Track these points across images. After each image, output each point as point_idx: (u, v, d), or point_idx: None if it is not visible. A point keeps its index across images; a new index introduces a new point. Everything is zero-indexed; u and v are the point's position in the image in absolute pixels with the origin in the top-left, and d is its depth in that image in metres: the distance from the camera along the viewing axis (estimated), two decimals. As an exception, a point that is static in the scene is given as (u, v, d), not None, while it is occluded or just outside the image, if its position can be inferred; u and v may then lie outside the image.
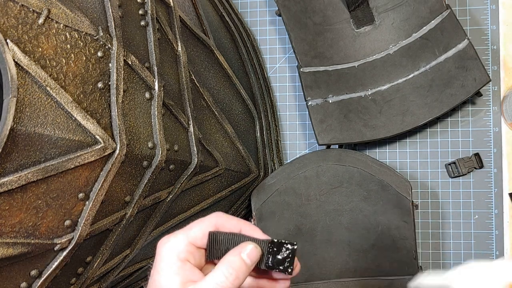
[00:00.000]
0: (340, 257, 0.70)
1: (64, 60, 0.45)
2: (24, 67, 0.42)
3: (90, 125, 0.46)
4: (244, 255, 0.42)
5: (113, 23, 0.50)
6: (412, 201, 0.69)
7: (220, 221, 0.43)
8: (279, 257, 0.41)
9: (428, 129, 0.75)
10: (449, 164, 0.74)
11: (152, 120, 0.53)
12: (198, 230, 0.43)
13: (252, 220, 0.67)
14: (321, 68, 0.72)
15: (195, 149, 0.59)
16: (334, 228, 0.70)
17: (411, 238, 0.68)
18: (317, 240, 0.70)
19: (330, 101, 0.71)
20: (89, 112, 0.46)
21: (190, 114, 0.59)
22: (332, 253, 0.70)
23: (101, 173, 0.48)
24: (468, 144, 0.74)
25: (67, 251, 0.48)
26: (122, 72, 0.50)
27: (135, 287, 0.71)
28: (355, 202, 0.69)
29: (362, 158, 0.71)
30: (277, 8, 0.74)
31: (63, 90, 0.44)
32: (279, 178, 0.70)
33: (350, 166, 0.69)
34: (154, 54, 0.55)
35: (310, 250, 0.70)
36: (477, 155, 0.73)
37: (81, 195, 0.47)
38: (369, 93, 0.71)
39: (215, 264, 0.43)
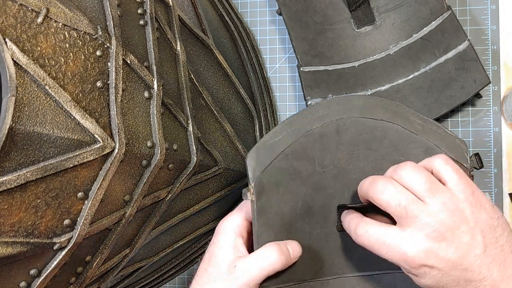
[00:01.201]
0: (359, 246, 0.51)
1: (63, 59, 0.45)
2: (23, 66, 0.42)
3: (89, 124, 0.46)
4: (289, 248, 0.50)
5: (112, 22, 0.50)
6: (470, 169, 0.56)
7: None
8: None
9: (428, 129, 0.75)
10: (449, 164, 0.74)
11: (151, 119, 0.53)
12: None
13: (248, 194, 0.50)
14: (321, 68, 0.72)
15: (194, 148, 0.59)
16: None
17: None
18: (331, 222, 0.54)
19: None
20: (88, 111, 0.46)
21: (189, 113, 0.59)
22: (350, 240, 0.51)
23: (100, 172, 0.48)
24: (468, 144, 0.74)
25: (66, 250, 0.48)
26: (121, 71, 0.50)
27: (134, 287, 0.71)
28: (385, 169, 0.51)
29: (401, 110, 0.54)
30: (277, 7, 0.74)
31: (62, 89, 0.44)
32: (285, 135, 0.52)
33: (383, 121, 0.53)
34: (153, 53, 0.55)
35: (322, 236, 0.54)
36: (477, 155, 0.73)
37: (80, 194, 0.47)
38: (369, 93, 0.71)
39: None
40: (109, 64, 0.49)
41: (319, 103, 0.53)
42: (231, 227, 0.50)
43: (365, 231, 0.46)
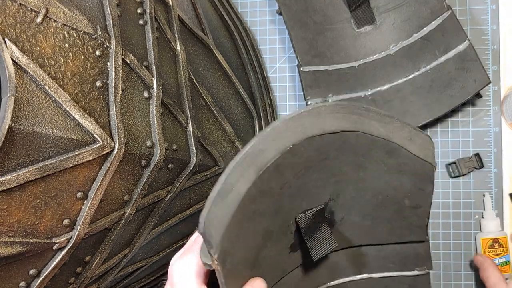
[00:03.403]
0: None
1: (62, 59, 0.45)
2: (22, 66, 0.42)
3: (89, 124, 0.46)
4: None
5: (111, 22, 0.50)
6: (434, 164, 0.50)
7: None
8: None
9: (428, 129, 0.75)
10: (449, 164, 0.74)
11: (151, 119, 0.53)
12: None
13: (211, 264, 0.40)
14: (321, 68, 0.72)
15: (194, 148, 0.59)
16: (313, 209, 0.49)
17: (426, 206, 0.51)
18: (290, 233, 0.49)
19: (330, 101, 0.71)
20: (87, 111, 0.46)
21: (188, 113, 0.59)
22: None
23: (100, 172, 0.48)
24: (468, 144, 0.74)
25: (65, 250, 0.48)
26: (121, 71, 0.50)
27: (134, 287, 0.71)
28: (344, 172, 0.47)
29: (363, 114, 0.47)
30: (277, 7, 0.74)
31: (61, 89, 0.44)
32: (237, 185, 0.42)
33: (342, 132, 0.46)
34: (152, 53, 0.55)
35: (284, 248, 0.50)
36: (477, 155, 0.73)
37: (79, 194, 0.47)
38: (369, 93, 0.71)
39: None
40: (108, 63, 0.49)
41: (263, 135, 0.43)
42: (191, 273, 0.42)
43: None
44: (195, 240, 0.44)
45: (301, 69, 0.72)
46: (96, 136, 0.46)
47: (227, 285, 0.41)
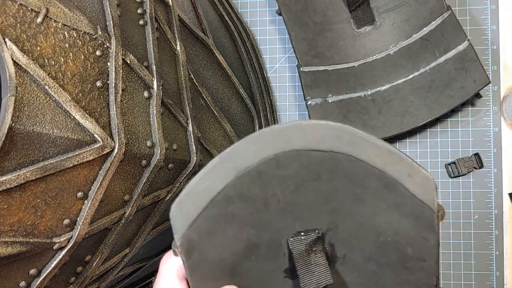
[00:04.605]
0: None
1: (62, 59, 0.45)
2: (23, 66, 0.42)
3: (89, 124, 0.46)
4: None
5: (111, 22, 0.50)
6: (438, 211, 0.44)
7: None
8: None
9: (428, 129, 0.75)
10: (449, 164, 0.74)
11: (151, 119, 0.53)
12: None
13: (176, 250, 0.42)
14: (321, 68, 0.72)
15: (194, 148, 0.59)
16: None
17: (432, 260, 0.45)
18: (282, 255, 0.47)
19: (330, 101, 0.71)
20: (87, 111, 0.46)
21: (189, 113, 0.59)
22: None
23: (100, 172, 0.48)
24: (468, 144, 0.74)
25: (66, 250, 0.48)
26: (121, 71, 0.50)
27: (134, 287, 0.71)
28: (341, 201, 0.45)
29: (357, 140, 0.44)
30: (277, 7, 0.74)
31: (61, 89, 0.44)
32: (212, 181, 0.43)
33: (332, 152, 0.44)
34: (152, 53, 0.55)
35: (275, 270, 0.47)
36: (477, 155, 0.73)
37: (80, 194, 0.47)
38: (369, 93, 0.71)
39: None
40: (108, 64, 0.49)
41: (250, 137, 0.43)
42: (172, 270, 0.45)
43: None
44: None
45: (301, 69, 0.72)
46: (96, 136, 0.46)
47: (191, 278, 0.43)
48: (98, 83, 0.48)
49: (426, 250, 0.45)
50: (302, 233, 0.46)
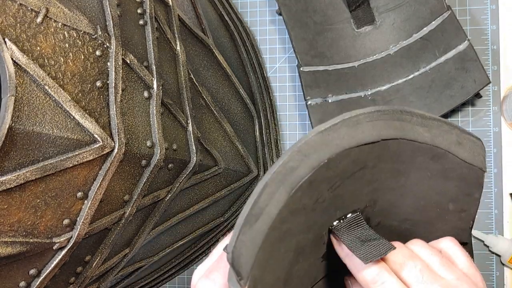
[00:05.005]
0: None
1: (62, 59, 0.45)
2: (23, 66, 0.42)
3: (89, 124, 0.46)
4: None
5: (111, 22, 0.50)
6: (484, 169, 0.45)
7: None
8: None
9: (428, 129, 0.75)
10: (449, 164, 0.74)
11: (151, 119, 0.53)
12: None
13: None
14: (321, 68, 0.72)
15: (194, 148, 0.59)
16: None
17: (472, 209, 0.47)
18: (323, 244, 0.46)
19: (330, 101, 0.71)
20: (87, 111, 0.46)
21: (189, 113, 0.59)
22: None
23: (100, 172, 0.48)
24: (468, 144, 0.74)
25: (66, 250, 0.48)
26: (121, 71, 0.50)
27: (134, 287, 0.71)
28: (382, 180, 0.44)
29: (404, 119, 0.43)
30: (277, 7, 0.74)
31: (61, 89, 0.44)
32: (269, 207, 0.39)
33: (381, 141, 0.42)
34: (152, 53, 0.55)
35: (318, 259, 0.47)
36: (477, 155, 0.73)
37: (79, 194, 0.47)
38: (369, 93, 0.71)
39: None
40: (108, 64, 0.49)
41: (290, 153, 0.40)
42: None
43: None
44: (221, 258, 0.42)
45: (301, 69, 0.72)
46: (96, 136, 0.46)
47: None
48: (98, 83, 0.48)
49: (468, 202, 0.46)
50: (342, 219, 0.44)
